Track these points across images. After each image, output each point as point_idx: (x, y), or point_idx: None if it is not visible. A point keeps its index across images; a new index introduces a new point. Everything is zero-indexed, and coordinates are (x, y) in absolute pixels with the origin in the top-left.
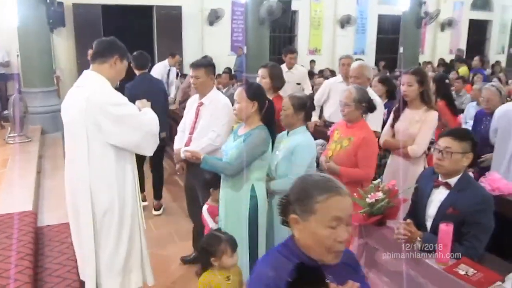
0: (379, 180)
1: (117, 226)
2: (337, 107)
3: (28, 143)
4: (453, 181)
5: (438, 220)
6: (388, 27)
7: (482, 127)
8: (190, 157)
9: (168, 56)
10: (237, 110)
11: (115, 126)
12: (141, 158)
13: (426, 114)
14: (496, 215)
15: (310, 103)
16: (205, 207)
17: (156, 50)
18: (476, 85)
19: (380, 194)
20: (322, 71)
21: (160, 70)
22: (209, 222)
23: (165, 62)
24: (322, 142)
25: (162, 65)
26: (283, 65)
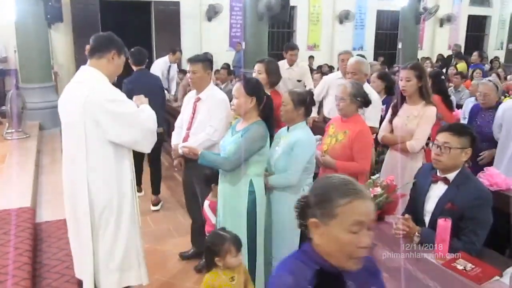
0: (377, 175)
1: (115, 223)
2: None
3: (26, 139)
4: (451, 176)
5: (436, 215)
6: (387, 22)
7: (479, 122)
8: (188, 153)
9: (169, 52)
10: (235, 106)
11: (113, 122)
12: (140, 153)
13: (425, 109)
14: (494, 211)
15: (310, 98)
16: (206, 203)
17: (155, 46)
18: (475, 80)
19: (378, 190)
20: (320, 67)
21: (160, 66)
22: (211, 218)
23: (166, 58)
24: (320, 137)
25: (162, 61)
26: (282, 62)
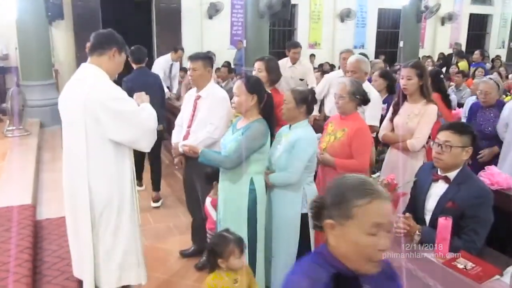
0: (378, 174)
1: (115, 222)
2: None
3: (26, 137)
4: (452, 175)
5: (437, 214)
6: (388, 21)
7: (479, 121)
8: (188, 151)
9: (170, 50)
10: (236, 104)
11: (114, 121)
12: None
13: (425, 107)
14: (495, 209)
15: (312, 96)
16: (208, 200)
17: (155, 44)
18: (476, 79)
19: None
20: (321, 65)
21: (162, 64)
22: (213, 215)
23: (167, 56)
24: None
25: (164, 59)
26: (285, 60)
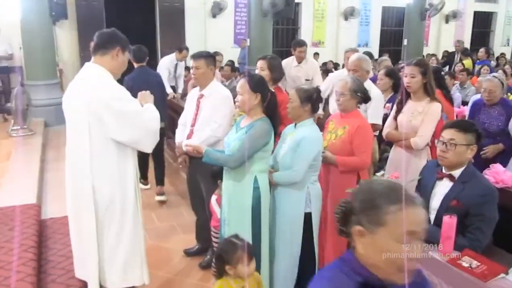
0: (382, 172)
1: (118, 222)
2: None
3: (31, 136)
4: (457, 173)
5: (441, 213)
6: (392, 19)
7: (482, 119)
8: (192, 151)
9: (173, 49)
10: (240, 102)
11: (117, 121)
12: None
13: (429, 105)
14: (499, 208)
15: (317, 95)
16: (214, 197)
17: (159, 43)
18: (481, 77)
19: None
20: (325, 63)
21: (167, 64)
22: (218, 213)
23: (172, 56)
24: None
25: (169, 59)
26: (291, 59)
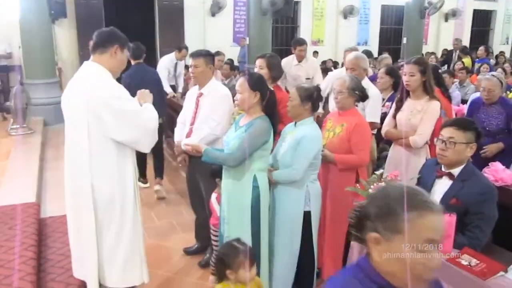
0: (382, 170)
1: (118, 221)
2: None
3: (30, 135)
4: (456, 171)
5: None
6: (392, 17)
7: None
8: (191, 151)
9: (173, 48)
10: (239, 101)
11: (116, 120)
12: None
13: (428, 104)
14: (499, 206)
15: (317, 94)
16: (214, 195)
17: (158, 41)
18: (481, 75)
19: (382, 185)
20: (324, 62)
21: (167, 63)
22: (218, 211)
23: (172, 55)
24: None
25: (168, 58)
26: (291, 57)
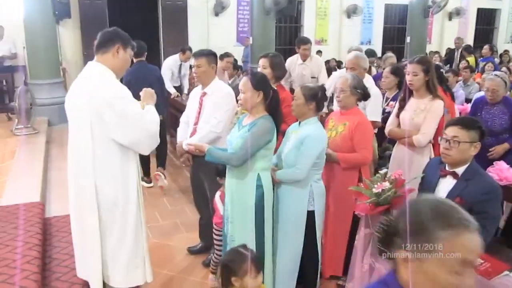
0: (385, 170)
1: (121, 222)
2: None
3: (35, 135)
4: (460, 170)
5: None
6: (395, 16)
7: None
8: (194, 150)
9: (177, 48)
10: (242, 100)
11: (118, 120)
12: None
13: (432, 103)
14: (503, 205)
15: (322, 93)
16: (218, 194)
17: (162, 41)
18: (485, 74)
19: (386, 184)
20: (328, 61)
21: (171, 65)
22: (221, 210)
23: (176, 57)
24: None
25: (172, 59)
26: (296, 57)
